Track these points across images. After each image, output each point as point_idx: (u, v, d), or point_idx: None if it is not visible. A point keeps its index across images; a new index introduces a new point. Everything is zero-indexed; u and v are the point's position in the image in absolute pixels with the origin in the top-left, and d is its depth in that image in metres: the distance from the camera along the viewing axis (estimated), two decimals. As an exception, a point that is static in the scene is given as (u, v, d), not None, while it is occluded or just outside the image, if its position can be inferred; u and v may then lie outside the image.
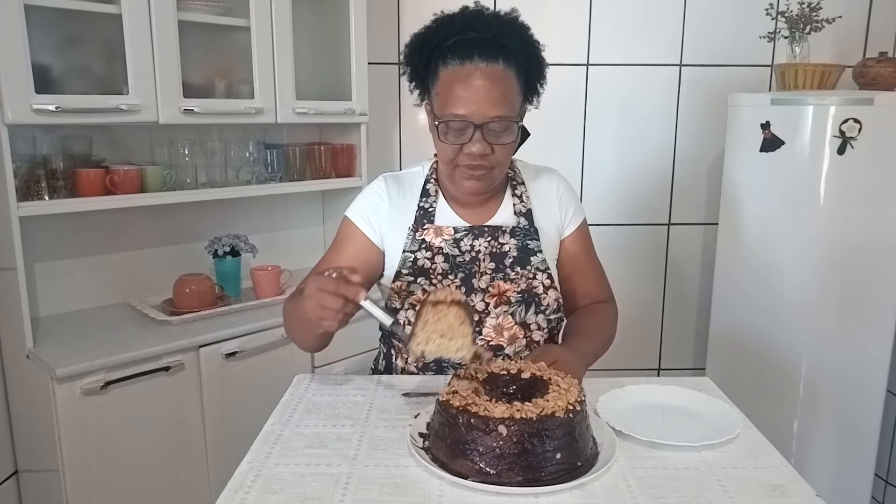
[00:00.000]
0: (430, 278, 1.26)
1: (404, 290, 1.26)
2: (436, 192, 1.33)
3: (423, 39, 1.24)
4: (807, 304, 2.13)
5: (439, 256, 1.27)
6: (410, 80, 1.30)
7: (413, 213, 1.31)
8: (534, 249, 1.30)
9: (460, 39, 1.20)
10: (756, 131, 2.16)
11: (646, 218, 2.69)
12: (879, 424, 2.18)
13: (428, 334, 1.01)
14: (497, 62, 1.17)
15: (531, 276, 1.28)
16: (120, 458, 1.73)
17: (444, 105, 1.19)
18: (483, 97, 1.16)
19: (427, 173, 1.35)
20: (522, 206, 1.34)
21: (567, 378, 0.99)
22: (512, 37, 1.21)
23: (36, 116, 1.65)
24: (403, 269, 1.27)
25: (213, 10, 2.01)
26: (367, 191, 1.37)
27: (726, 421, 1.06)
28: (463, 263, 1.27)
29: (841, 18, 2.20)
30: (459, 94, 1.17)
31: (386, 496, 0.86)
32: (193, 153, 2.06)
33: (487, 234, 1.29)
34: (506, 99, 1.18)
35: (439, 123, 1.19)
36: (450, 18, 1.22)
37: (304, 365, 2.10)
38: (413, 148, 2.62)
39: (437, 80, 1.21)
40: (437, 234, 1.29)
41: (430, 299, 1.03)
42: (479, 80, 1.16)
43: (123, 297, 2.11)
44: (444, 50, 1.20)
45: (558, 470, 0.88)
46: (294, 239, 2.57)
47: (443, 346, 1.01)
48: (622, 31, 2.54)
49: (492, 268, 1.27)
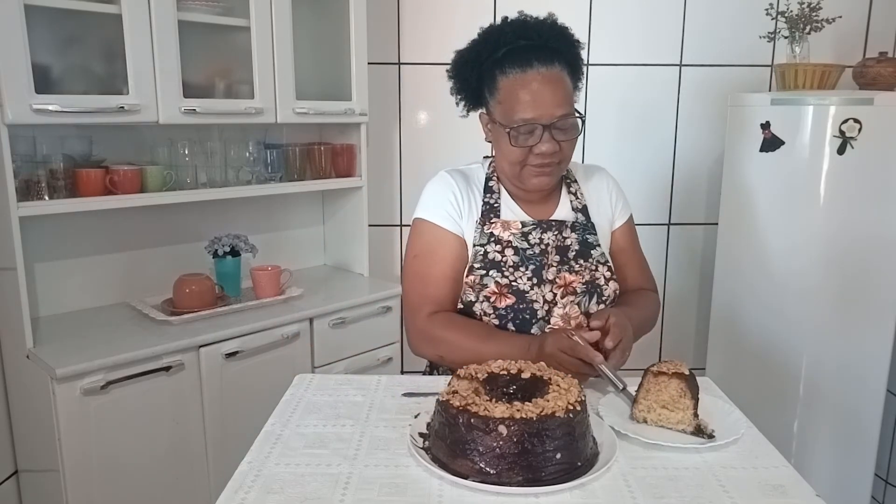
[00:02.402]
0: (502, 271, 1.30)
1: (478, 283, 1.30)
2: (498, 188, 1.38)
3: (476, 53, 1.30)
4: (807, 304, 2.13)
5: (509, 249, 1.31)
6: (460, 92, 1.36)
7: (479, 208, 1.35)
8: (593, 243, 1.37)
9: (513, 48, 1.26)
10: (756, 131, 2.16)
11: (646, 218, 2.69)
12: (879, 424, 2.18)
13: (650, 403, 1.06)
14: (554, 65, 1.25)
15: (593, 268, 1.34)
16: (120, 457, 1.73)
17: (511, 111, 1.24)
18: (548, 99, 1.23)
19: (487, 171, 1.40)
20: (578, 203, 1.41)
21: (567, 378, 1.00)
22: (560, 40, 1.29)
23: (36, 116, 1.65)
24: (475, 262, 1.31)
25: (213, 10, 2.01)
26: (435, 187, 1.38)
27: (727, 421, 1.06)
28: (533, 256, 1.31)
29: (841, 18, 2.20)
30: (525, 99, 1.23)
31: (386, 496, 0.86)
32: (193, 153, 2.06)
33: (554, 228, 1.35)
34: (566, 97, 1.26)
35: (510, 130, 1.24)
36: (499, 30, 1.29)
37: (305, 365, 2.10)
38: (413, 148, 2.62)
39: (498, 89, 1.27)
40: (504, 228, 1.33)
41: (653, 369, 1.07)
42: (541, 83, 1.23)
43: (123, 297, 2.11)
44: (498, 60, 1.27)
45: (558, 470, 0.88)
46: (294, 239, 2.57)
47: (664, 416, 1.06)
48: (622, 31, 2.54)
49: (557, 260, 1.33)
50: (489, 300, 1.29)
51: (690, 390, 1.02)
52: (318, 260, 2.68)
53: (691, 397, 1.02)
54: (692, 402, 1.02)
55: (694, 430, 1.02)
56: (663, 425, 1.05)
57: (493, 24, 1.31)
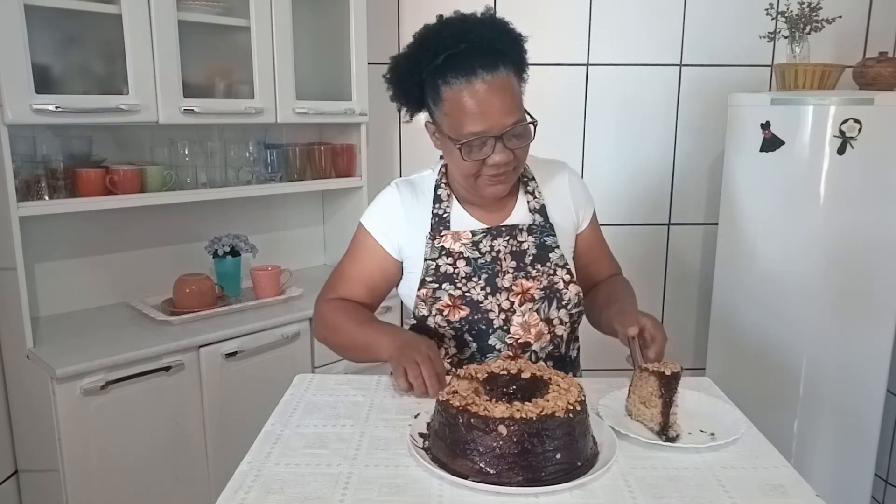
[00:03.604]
0: (455, 283, 1.26)
1: (430, 296, 1.27)
2: (448, 196, 1.32)
3: (415, 60, 1.22)
4: (807, 304, 2.13)
5: (461, 261, 1.27)
6: (400, 101, 1.29)
7: (428, 221, 1.31)
8: (551, 246, 1.31)
9: (453, 54, 1.18)
10: (756, 131, 2.15)
11: (646, 218, 2.69)
12: (879, 424, 2.18)
13: (634, 398, 1.08)
14: (498, 70, 1.17)
15: (552, 273, 1.29)
16: (120, 458, 1.73)
17: (460, 125, 1.17)
18: (497, 108, 1.16)
19: (437, 178, 1.35)
20: (536, 203, 1.34)
21: (567, 378, 1.00)
22: (502, 38, 1.21)
23: (36, 116, 1.65)
24: (427, 276, 1.27)
25: (213, 10, 2.01)
26: (381, 200, 1.36)
27: (727, 421, 1.06)
28: (485, 265, 1.27)
29: (841, 18, 2.20)
30: (473, 112, 1.16)
31: (386, 496, 0.86)
32: (193, 153, 2.06)
33: (506, 234, 1.30)
34: (515, 103, 1.18)
35: (461, 146, 1.17)
36: (436, 34, 1.20)
37: (305, 365, 2.10)
38: (413, 148, 2.62)
39: (442, 100, 1.19)
40: (454, 239, 1.28)
41: (641, 365, 1.08)
42: (487, 92, 1.15)
43: (123, 297, 2.11)
44: (440, 68, 1.18)
45: (558, 470, 0.88)
46: (294, 239, 2.57)
47: (641, 411, 1.06)
48: (622, 31, 2.54)
49: (513, 266, 1.28)
50: (442, 313, 1.25)
51: (662, 390, 1.02)
52: (318, 260, 2.68)
53: (660, 397, 1.02)
54: (661, 401, 1.02)
55: (660, 429, 1.02)
56: (640, 420, 1.06)
57: (430, 25, 1.22)
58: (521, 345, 1.26)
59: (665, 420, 1.01)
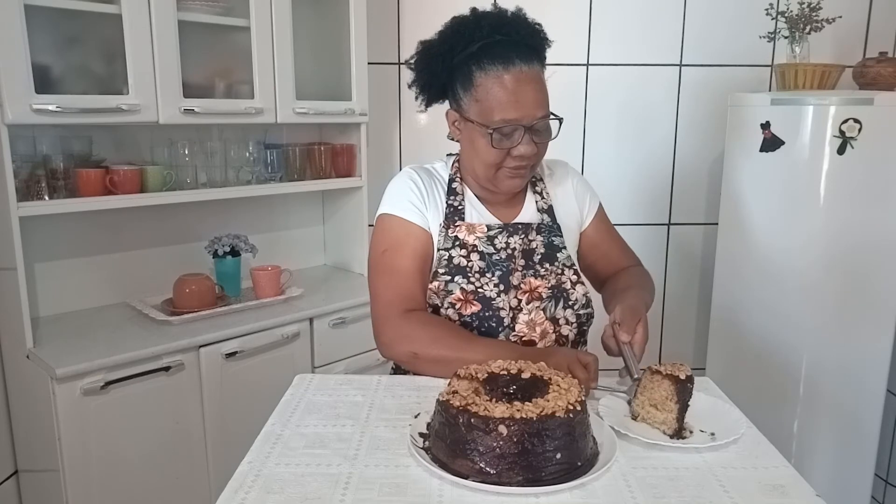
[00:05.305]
0: (468, 276, 1.25)
1: (443, 289, 1.26)
2: (462, 190, 1.33)
3: (448, 46, 1.23)
4: (807, 304, 2.13)
5: (475, 254, 1.27)
6: (424, 86, 1.29)
7: (443, 210, 1.30)
8: (559, 246, 1.32)
9: (489, 43, 1.20)
10: (756, 131, 2.15)
11: (646, 218, 2.69)
12: (879, 424, 2.18)
13: (643, 400, 1.06)
14: (534, 63, 1.20)
15: (559, 272, 1.30)
16: (120, 458, 1.73)
17: (491, 111, 1.18)
18: (531, 98, 1.18)
19: (451, 172, 1.35)
20: (544, 203, 1.36)
21: (567, 378, 0.99)
22: (535, 37, 1.24)
23: (36, 116, 1.65)
24: (440, 267, 1.27)
25: (213, 10, 2.01)
26: (399, 183, 1.33)
27: (727, 421, 1.06)
28: (500, 262, 1.27)
29: (841, 18, 2.20)
30: (507, 99, 1.17)
31: (386, 496, 0.86)
32: (193, 153, 2.06)
33: (521, 232, 1.30)
34: (546, 98, 1.21)
35: (493, 132, 1.18)
36: (474, 23, 1.21)
37: (305, 365, 2.10)
38: (413, 148, 2.62)
39: (474, 86, 1.20)
40: (469, 231, 1.28)
41: (653, 367, 1.07)
42: (523, 82, 1.17)
43: (123, 297, 2.11)
44: (475, 55, 1.20)
45: (558, 470, 0.88)
46: (294, 239, 2.57)
47: (652, 414, 1.05)
48: (622, 31, 2.54)
49: (522, 265, 1.28)
50: (454, 307, 1.24)
51: (678, 395, 1.02)
52: (318, 260, 2.68)
53: (676, 402, 1.02)
54: (677, 406, 1.02)
55: (673, 433, 1.02)
56: (651, 423, 1.05)
57: (465, 16, 1.23)
58: (525, 343, 1.26)
59: (680, 425, 1.02)
